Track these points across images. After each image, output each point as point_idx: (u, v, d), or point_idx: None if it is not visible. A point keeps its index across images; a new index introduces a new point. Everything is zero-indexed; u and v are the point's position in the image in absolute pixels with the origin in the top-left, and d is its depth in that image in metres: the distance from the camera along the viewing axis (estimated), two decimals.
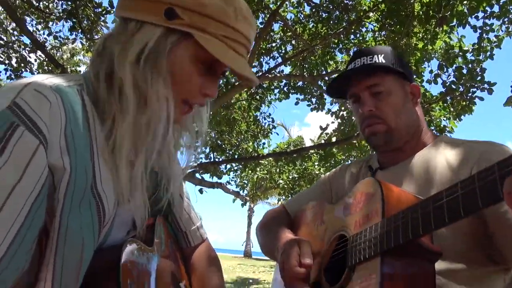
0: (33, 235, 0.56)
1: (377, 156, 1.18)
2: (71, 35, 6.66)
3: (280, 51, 7.73)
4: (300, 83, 8.12)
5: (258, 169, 12.82)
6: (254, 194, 18.95)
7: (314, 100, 8.19)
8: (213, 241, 1.12)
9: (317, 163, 11.30)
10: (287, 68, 8.60)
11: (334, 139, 8.30)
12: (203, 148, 9.70)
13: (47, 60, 6.79)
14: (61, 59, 9.20)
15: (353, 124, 7.35)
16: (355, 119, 1.20)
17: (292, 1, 7.22)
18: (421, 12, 5.44)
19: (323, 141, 9.78)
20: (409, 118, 1.08)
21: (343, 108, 7.94)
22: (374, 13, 6.41)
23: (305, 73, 7.47)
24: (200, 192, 9.49)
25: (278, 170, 13.66)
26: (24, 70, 7.04)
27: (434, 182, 0.99)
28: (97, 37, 6.14)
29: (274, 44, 7.71)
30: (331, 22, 6.74)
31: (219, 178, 9.55)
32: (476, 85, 6.05)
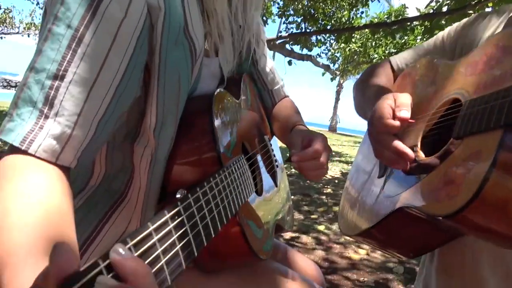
0: (141, 66, 0.62)
1: None
2: None
3: None
4: None
5: (353, 41, 12.01)
6: (345, 69, 18.22)
7: None
8: None
9: (420, 37, 10.14)
10: None
11: (445, 9, 7.18)
12: (294, 18, 9.34)
13: None
14: None
15: None
16: None
17: None
18: None
19: (432, 11, 8.56)
20: None
21: None
22: None
23: None
24: (289, 64, 9.41)
25: (374, 44, 12.63)
26: None
27: None
28: None
29: None
30: None
31: (310, 50, 9.23)
32: None
